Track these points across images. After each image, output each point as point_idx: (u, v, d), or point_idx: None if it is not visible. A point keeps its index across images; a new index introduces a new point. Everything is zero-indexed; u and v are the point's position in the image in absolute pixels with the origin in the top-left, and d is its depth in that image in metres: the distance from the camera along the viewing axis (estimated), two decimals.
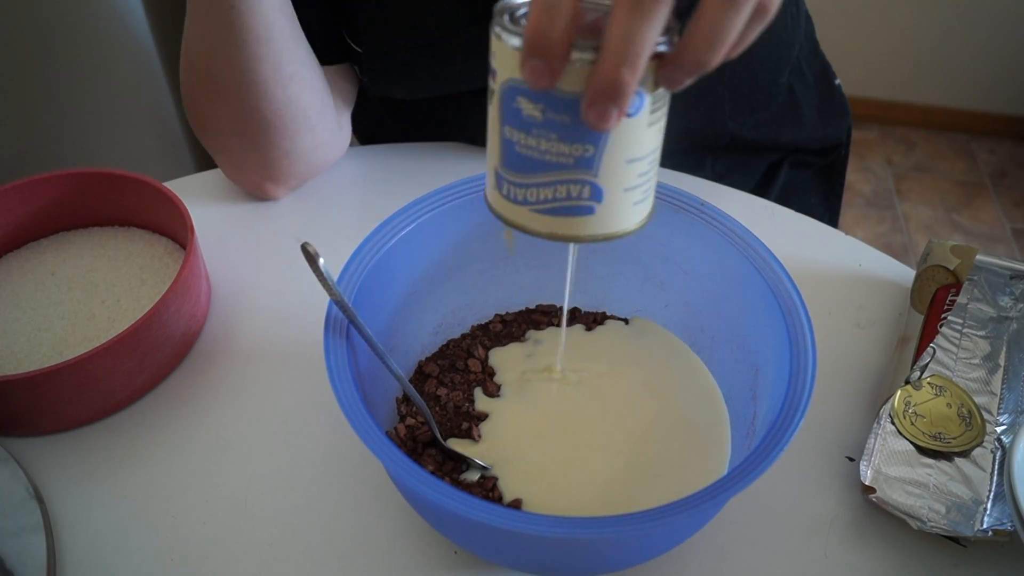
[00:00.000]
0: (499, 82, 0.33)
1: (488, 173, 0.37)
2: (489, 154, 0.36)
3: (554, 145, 0.33)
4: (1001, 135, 2.19)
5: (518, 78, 0.32)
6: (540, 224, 0.36)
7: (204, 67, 0.62)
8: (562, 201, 0.35)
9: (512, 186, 0.35)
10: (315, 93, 0.65)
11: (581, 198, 0.35)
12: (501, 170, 0.35)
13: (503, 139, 0.34)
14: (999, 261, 0.61)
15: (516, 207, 0.36)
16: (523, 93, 0.32)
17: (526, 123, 0.33)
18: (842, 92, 0.88)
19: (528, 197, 0.35)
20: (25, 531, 0.48)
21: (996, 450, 0.51)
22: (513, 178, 0.35)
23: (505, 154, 0.35)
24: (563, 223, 0.35)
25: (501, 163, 0.35)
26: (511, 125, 0.34)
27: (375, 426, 0.39)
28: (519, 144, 0.34)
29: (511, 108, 0.33)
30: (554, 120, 0.32)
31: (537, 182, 0.34)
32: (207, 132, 0.66)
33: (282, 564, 0.48)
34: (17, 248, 0.65)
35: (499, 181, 0.36)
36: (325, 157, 0.71)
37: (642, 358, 0.55)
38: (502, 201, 0.36)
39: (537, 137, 0.33)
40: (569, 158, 0.33)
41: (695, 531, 0.45)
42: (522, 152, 0.34)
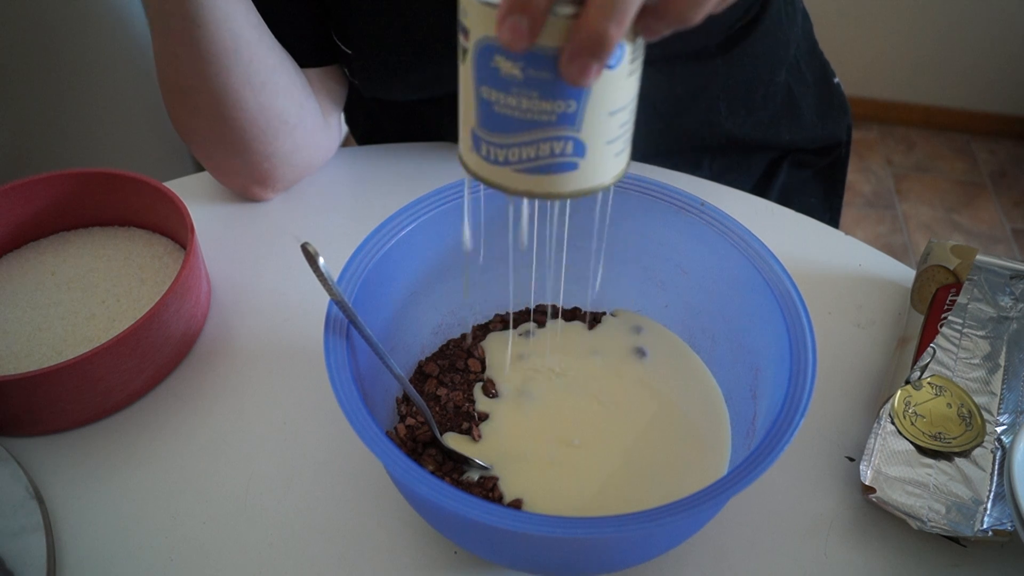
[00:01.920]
0: (472, 41, 0.32)
1: (462, 134, 0.36)
2: (463, 115, 0.35)
3: (535, 103, 0.32)
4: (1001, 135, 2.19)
5: (495, 36, 0.31)
6: (522, 183, 0.35)
7: (175, 81, 0.62)
8: (545, 159, 0.34)
9: (491, 147, 0.34)
10: (291, 97, 0.66)
11: (564, 154, 0.34)
12: (479, 131, 0.34)
13: (480, 99, 0.33)
14: (999, 261, 0.61)
15: (496, 167, 0.35)
16: (501, 52, 0.31)
17: (505, 82, 0.32)
18: (841, 91, 0.88)
19: (509, 157, 0.34)
20: (25, 531, 0.48)
21: (996, 450, 0.51)
22: (492, 139, 0.34)
23: (482, 114, 0.34)
24: (546, 181, 0.34)
25: (478, 124, 0.34)
26: (488, 85, 0.32)
27: (375, 426, 0.39)
28: (498, 104, 0.33)
29: (487, 67, 0.32)
30: (534, 78, 0.31)
31: (518, 141, 0.33)
32: (189, 141, 0.67)
33: (282, 564, 0.48)
34: (17, 248, 0.65)
35: (476, 142, 0.35)
36: (310, 159, 0.71)
37: (642, 358, 0.55)
38: (481, 163, 0.35)
39: (517, 96, 0.32)
40: (551, 115, 0.32)
41: (695, 531, 0.45)
42: (501, 112, 0.33)
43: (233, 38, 0.60)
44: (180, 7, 0.57)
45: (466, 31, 0.32)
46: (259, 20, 0.62)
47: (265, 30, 0.63)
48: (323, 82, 0.71)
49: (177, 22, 0.58)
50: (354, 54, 0.67)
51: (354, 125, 0.87)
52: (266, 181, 0.69)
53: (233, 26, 0.59)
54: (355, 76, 0.69)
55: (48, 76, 1.33)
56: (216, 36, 0.59)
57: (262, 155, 0.66)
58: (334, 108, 0.73)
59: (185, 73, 0.61)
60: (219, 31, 0.59)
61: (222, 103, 0.62)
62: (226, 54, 0.60)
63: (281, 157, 0.68)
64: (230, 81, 0.61)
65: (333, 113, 0.73)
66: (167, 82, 0.63)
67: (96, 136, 1.42)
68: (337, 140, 0.75)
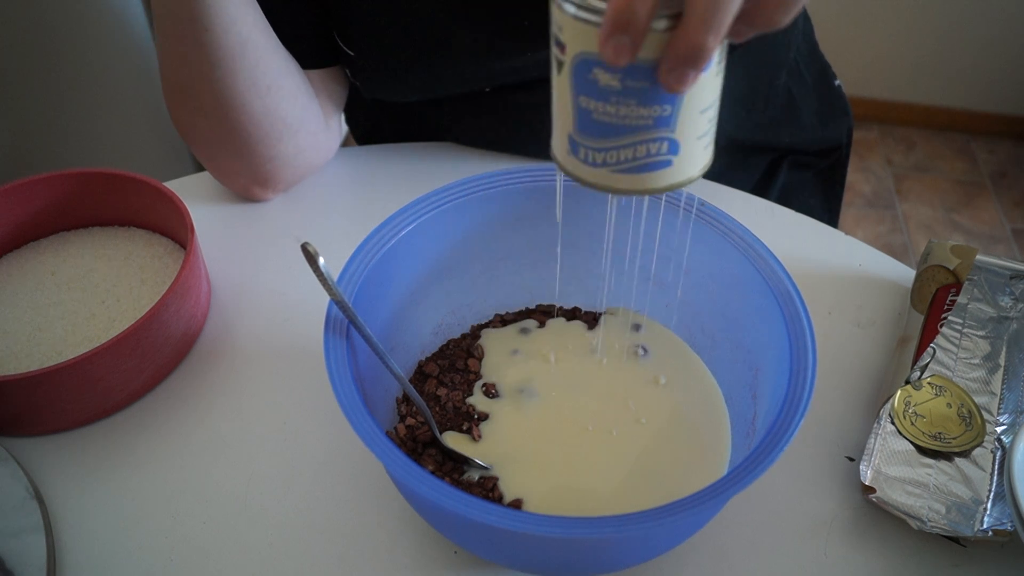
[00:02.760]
0: (569, 55, 0.34)
1: (558, 139, 0.38)
2: (559, 121, 0.37)
3: (633, 110, 0.34)
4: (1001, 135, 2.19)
5: (593, 51, 0.32)
6: (621, 182, 0.37)
7: (180, 83, 0.63)
8: (642, 159, 0.36)
9: (590, 151, 0.36)
10: (295, 100, 0.66)
11: (660, 153, 0.36)
12: (577, 136, 0.36)
13: (578, 108, 0.35)
14: (999, 261, 0.61)
15: (595, 169, 0.37)
16: (600, 65, 0.33)
17: (604, 92, 0.34)
18: (842, 93, 0.88)
19: (608, 159, 0.36)
20: (25, 531, 0.48)
21: (996, 450, 0.51)
22: (591, 143, 0.36)
23: (580, 122, 0.35)
24: (643, 179, 0.36)
25: (576, 130, 0.36)
26: (587, 95, 0.34)
27: (375, 426, 0.39)
28: (596, 112, 0.34)
29: (586, 79, 0.34)
30: (633, 87, 0.33)
31: (616, 145, 0.35)
32: (191, 142, 0.67)
33: (282, 564, 0.48)
34: (17, 248, 0.65)
35: (574, 147, 0.37)
36: (311, 160, 0.71)
37: (642, 358, 0.55)
38: (580, 165, 0.37)
39: (616, 104, 0.34)
40: (648, 119, 0.34)
41: (695, 531, 0.45)
42: (600, 119, 0.35)
43: (240, 41, 0.60)
44: (188, 10, 0.57)
45: (562, 45, 0.34)
46: (265, 23, 0.62)
47: (271, 33, 0.63)
48: (324, 83, 0.71)
49: (184, 25, 0.58)
50: (355, 55, 0.67)
51: (354, 125, 0.87)
52: (267, 182, 0.69)
53: (240, 29, 0.59)
54: (356, 77, 0.69)
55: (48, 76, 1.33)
56: (223, 39, 0.59)
57: (265, 157, 0.67)
58: (335, 109, 0.73)
59: (190, 75, 0.61)
60: (226, 34, 0.59)
61: (227, 105, 0.62)
62: (232, 57, 0.60)
63: (283, 159, 0.68)
64: (235, 84, 0.61)
65: (334, 114, 0.73)
66: (171, 84, 0.63)
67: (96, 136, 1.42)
68: (337, 141, 0.75)
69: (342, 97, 0.74)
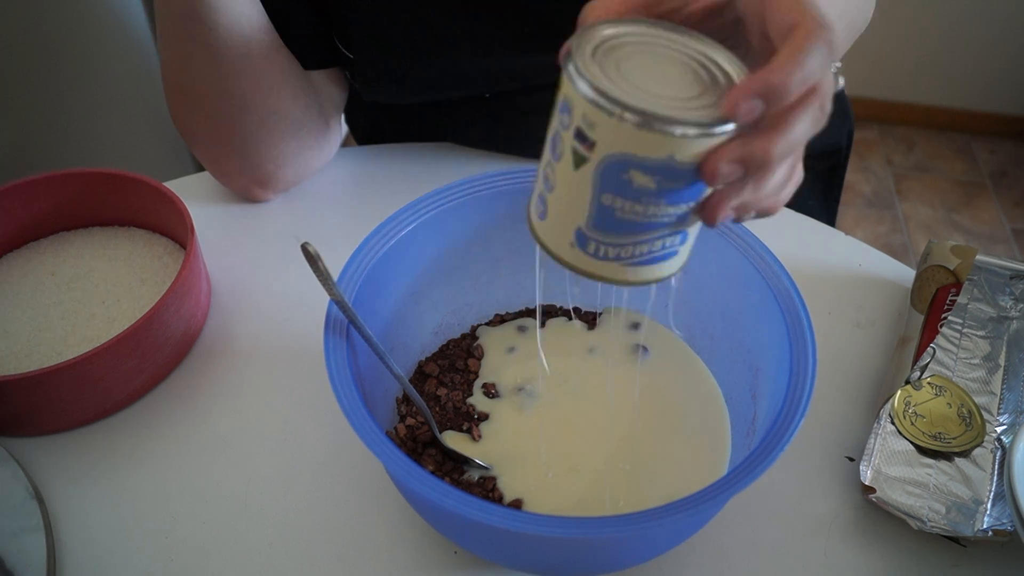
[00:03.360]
0: (600, 154, 0.32)
1: (558, 230, 0.36)
2: (564, 214, 0.35)
3: (661, 209, 0.34)
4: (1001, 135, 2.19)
5: (635, 154, 0.32)
6: (629, 275, 0.36)
7: (182, 84, 0.62)
8: (656, 252, 0.36)
9: (604, 246, 0.35)
10: (296, 100, 0.66)
11: (672, 246, 0.36)
12: (589, 232, 0.35)
13: (597, 205, 0.34)
14: (999, 261, 0.61)
15: (603, 263, 0.36)
16: (638, 167, 0.32)
17: (636, 193, 0.33)
18: (844, 97, 0.87)
19: (622, 254, 0.35)
20: (25, 531, 0.48)
21: (996, 450, 0.51)
22: (607, 239, 0.35)
23: (598, 218, 0.34)
24: (650, 270, 0.36)
25: (590, 226, 0.35)
26: (613, 193, 0.33)
27: (375, 426, 0.39)
28: (621, 211, 0.34)
29: (617, 179, 0.33)
30: (667, 188, 0.33)
31: (635, 240, 0.35)
32: (192, 142, 0.67)
33: (282, 564, 0.48)
34: (17, 248, 0.65)
35: (583, 241, 0.35)
36: (312, 160, 0.71)
37: (642, 358, 0.55)
38: (587, 259, 0.36)
39: (645, 204, 0.33)
40: (672, 216, 0.34)
41: (695, 531, 0.45)
42: (624, 217, 0.34)
43: (244, 41, 0.60)
44: (194, 11, 0.57)
45: (590, 143, 0.33)
46: (269, 24, 0.62)
47: (274, 33, 0.63)
48: (325, 84, 0.71)
49: (191, 25, 0.58)
50: (355, 58, 0.67)
51: (354, 126, 0.87)
52: (268, 182, 0.69)
53: (245, 30, 0.59)
54: (355, 80, 0.69)
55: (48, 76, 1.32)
56: (229, 40, 0.59)
57: (266, 157, 0.67)
58: (335, 110, 0.73)
59: (194, 76, 0.61)
60: (231, 34, 0.59)
61: (230, 106, 0.62)
62: (236, 57, 0.60)
63: (284, 159, 0.68)
64: (239, 84, 0.61)
65: (334, 115, 0.73)
66: (173, 84, 0.63)
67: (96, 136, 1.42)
68: (338, 141, 0.75)
69: (343, 98, 0.74)
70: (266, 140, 0.65)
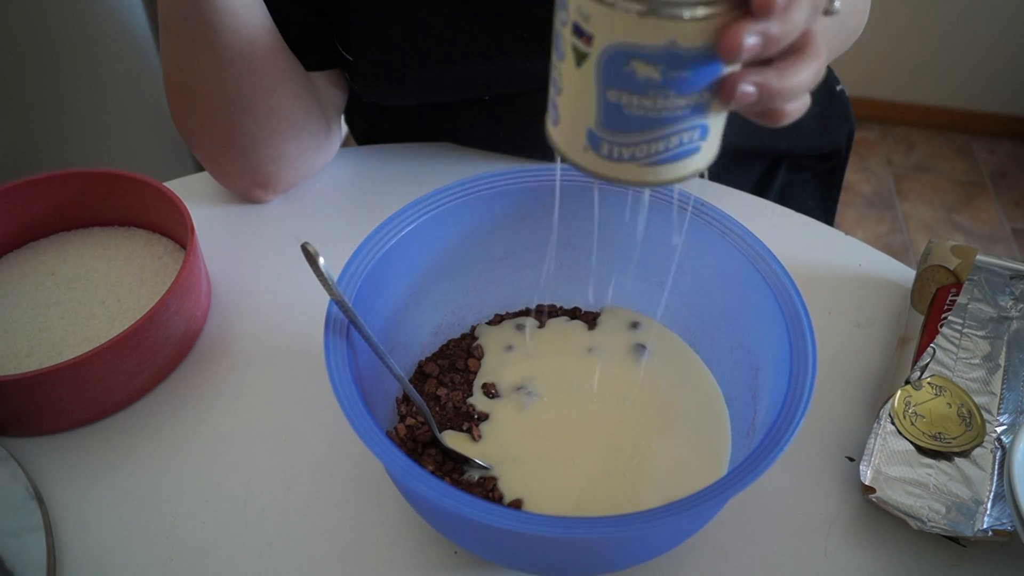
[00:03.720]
0: (599, 46, 0.32)
1: (570, 134, 0.35)
2: (575, 115, 0.35)
3: (671, 100, 0.32)
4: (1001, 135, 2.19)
5: (634, 42, 0.31)
6: (648, 175, 0.35)
7: (185, 84, 0.62)
8: (674, 149, 0.34)
9: (616, 146, 0.34)
10: (298, 101, 0.66)
11: (692, 141, 0.34)
12: (600, 132, 0.34)
13: (604, 102, 0.33)
14: (999, 261, 0.61)
15: (619, 164, 0.35)
16: (639, 56, 0.31)
17: (641, 84, 0.32)
18: (845, 98, 0.87)
19: (636, 153, 0.34)
20: (25, 531, 0.48)
21: (996, 450, 0.51)
22: (618, 138, 0.34)
23: (607, 116, 0.33)
24: (671, 168, 0.35)
25: (600, 125, 0.34)
26: (618, 88, 0.32)
27: (375, 426, 0.39)
28: (629, 106, 0.33)
29: (619, 72, 0.32)
30: (674, 77, 0.32)
31: (648, 138, 0.34)
32: (193, 144, 0.67)
33: (282, 564, 0.48)
34: (17, 248, 0.65)
35: (595, 142, 0.34)
36: (313, 162, 0.71)
37: (642, 358, 0.55)
38: (601, 161, 0.35)
39: (653, 97, 0.32)
40: (686, 108, 0.33)
41: (695, 531, 0.45)
42: (632, 112, 0.33)
43: (249, 43, 0.60)
44: (199, 12, 0.57)
45: (588, 36, 0.32)
46: (272, 25, 0.62)
47: (277, 34, 0.63)
48: (326, 85, 0.71)
49: (195, 26, 0.58)
50: (354, 60, 0.67)
51: (354, 126, 0.87)
52: (268, 184, 0.69)
53: (250, 31, 0.59)
54: (355, 82, 0.69)
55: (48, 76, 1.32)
56: (233, 41, 0.59)
57: (267, 158, 0.67)
58: (335, 111, 0.73)
59: (196, 76, 0.61)
60: (236, 36, 0.59)
61: (231, 106, 0.62)
62: (241, 59, 0.60)
63: (285, 161, 0.68)
64: (242, 85, 0.61)
65: (335, 116, 0.73)
66: (175, 84, 0.63)
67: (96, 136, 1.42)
68: (338, 142, 0.75)
69: (343, 99, 0.74)
70: (267, 141, 0.65)
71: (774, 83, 0.33)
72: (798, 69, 0.34)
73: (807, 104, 0.37)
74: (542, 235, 0.54)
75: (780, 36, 0.32)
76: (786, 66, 0.34)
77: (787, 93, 0.34)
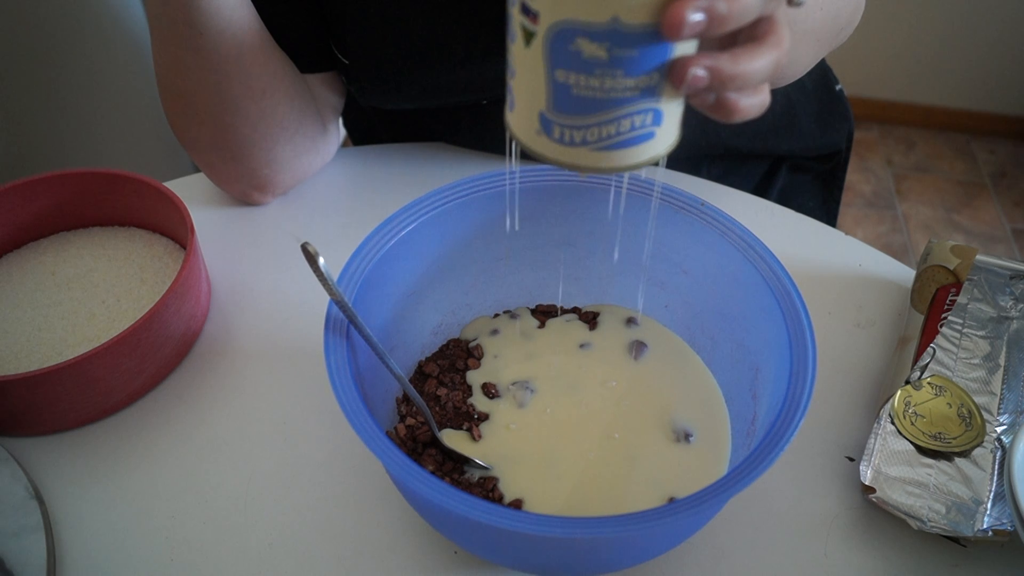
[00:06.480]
0: (545, 24, 0.31)
1: (523, 118, 0.35)
2: (524, 98, 0.34)
3: (619, 81, 0.32)
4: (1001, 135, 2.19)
5: (578, 18, 0.30)
6: (601, 160, 0.34)
7: (176, 89, 0.62)
8: (625, 133, 0.34)
9: (567, 129, 0.34)
10: (291, 103, 0.65)
11: (644, 126, 0.34)
12: (551, 115, 0.34)
13: (553, 83, 0.33)
14: (999, 261, 0.61)
15: (572, 148, 0.34)
16: (584, 34, 0.31)
17: (588, 64, 0.31)
18: (844, 98, 0.87)
19: (588, 137, 0.34)
20: (25, 531, 0.48)
21: (996, 450, 0.51)
22: (568, 121, 0.33)
23: (557, 98, 0.33)
24: (624, 154, 0.34)
25: (551, 108, 0.33)
26: (566, 68, 0.32)
27: (375, 426, 0.39)
28: (577, 86, 0.32)
29: (566, 51, 0.31)
30: (620, 56, 0.31)
31: (598, 121, 0.33)
32: (188, 147, 0.67)
33: (282, 564, 0.48)
34: (17, 248, 0.65)
35: (547, 126, 0.34)
36: (310, 163, 0.71)
37: (642, 358, 0.55)
38: (553, 145, 0.34)
39: (600, 77, 0.32)
40: (635, 90, 0.32)
41: (695, 531, 0.45)
42: (581, 94, 0.32)
43: (236, 45, 0.59)
44: (184, 14, 0.57)
45: (533, 14, 0.31)
46: (261, 27, 0.62)
47: (267, 36, 0.62)
48: (323, 88, 0.71)
49: (181, 29, 0.58)
50: (350, 63, 0.67)
51: (351, 128, 0.87)
52: (265, 187, 0.69)
53: (237, 33, 0.59)
54: (352, 85, 0.69)
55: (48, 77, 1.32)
56: (219, 44, 0.59)
57: (262, 161, 0.66)
58: (333, 113, 0.73)
59: (186, 80, 0.61)
60: (222, 39, 0.58)
61: (223, 110, 0.62)
62: (228, 62, 0.60)
63: (281, 163, 0.68)
64: (232, 88, 0.61)
65: (332, 118, 0.73)
66: (167, 88, 0.63)
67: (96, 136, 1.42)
68: (336, 144, 0.75)
69: (340, 102, 0.74)
70: (261, 145, 0.65)
71: (726, 67, 0.32)
72: (754, 56, 0.33)
73: (765, 103, 0.35)
74: (542, 235, 0.54)
75: (727, 15, 0.31)
76: (741, 52, 0.33)
77: (740, 80, 0.33)
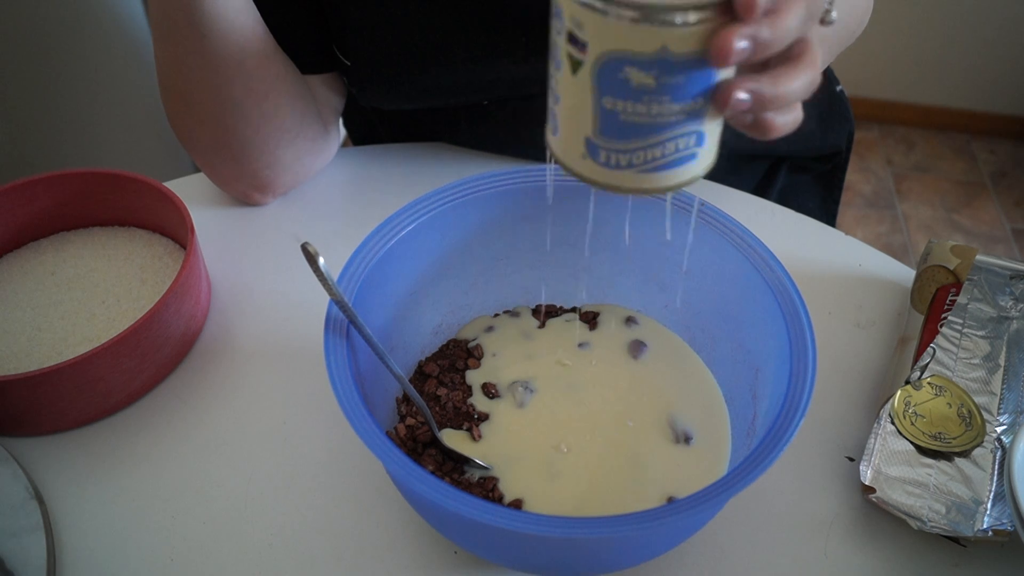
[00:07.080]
0: (594, 54, 0.32)
1: (569, 142, 0.36)
2: (573, 125, 0.35)
3: (666, 107, 0.33)
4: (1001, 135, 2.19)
5: (627, 49, 0.31)
6: (646, 182, 0.35)
7: (178, 89, 0.62)
8: (671, 155, 0.35)
9: (614, 153, 0.35)
10: (293, 105, 0.65)
11: (688, 148, 0.35)
12: (598, 140, 0.35)
13: (601, 110, 0.34)
14: (999, 261, 0.61)
15: (618, 172, 0.35)
16: (633, 63, 0.32)
17: (636, 92, 0.32)
18: (844, 98, 0.87)
19: (634, 160, 0.35)
20: (25, 531, 0.48)
21: (996, 450, 0.51)
22: (616, 146, 0.34)
23: (604, 124, 0.34)
24: (668, 176, 0.35)
25: (598, 134, 0.34)
26: (614, 96, 0.33)
27: (375, 426, 0.39)
28: (625, 113, 0.33)
29: (614, 79, 0.32)
30: (668, 83, 0.32)
31: (645, 145, 0.34)
32: (189, 147, 0.67)
33: (282, 564, 0.48)
34: (17, 248, 0.65)
35: (594, 150, 0.35)
36: (310, 165, 0.71)
37: (642, 358, 0.55)
38: (599, 169, 0.36)
39: (648, 103, 0.33)
40: (681, 115, 0.33)
41: (695, 531, 0.45)
42: (629, 120, 0.33)
43: (239, 49, 0.59)
44: (186, 16, 0.57)
45: (582, 44, 0.32)
46: (264, 30, 0.62)
47: (270, 39, 0.62)
48: (323, 89, 0.71)
49: (183, 31, 0.58)
50: (351, 64, 0.67)
51: (352, 129, 0.87)
52: (266, 187, 0.69)
53: (240, 37, 0.59)
54: (352, 86, 0.69)
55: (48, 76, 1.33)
56: (221, 46, 0.59)
57: (263, 163, 0.66)
58: (333, 114, 0.73)
59: (188, 81, 0.61)
60: (224, 41, 0.58)
61: (225, 112, 0.62)
62: (231, 64, 0.60)
63: (282, 165, 0.68)
64: (234, 91, 0.61)
65: (333, 119, 0.73)
66: (168, 89, 0.63)
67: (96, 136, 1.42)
68: (336, 145, 0.75)
69: (341, 103, 0.74)
70: (261, 146, 0.65)
71: (767, 90, 0.34)
72: (791, 77, 0.34)
73: (798, 120, 0.37)
74: (542, 235, 0.54)
75: (771, 40, 0.32)
76: (779, 73, 0.34)
77: (780, 101, 0.34)
